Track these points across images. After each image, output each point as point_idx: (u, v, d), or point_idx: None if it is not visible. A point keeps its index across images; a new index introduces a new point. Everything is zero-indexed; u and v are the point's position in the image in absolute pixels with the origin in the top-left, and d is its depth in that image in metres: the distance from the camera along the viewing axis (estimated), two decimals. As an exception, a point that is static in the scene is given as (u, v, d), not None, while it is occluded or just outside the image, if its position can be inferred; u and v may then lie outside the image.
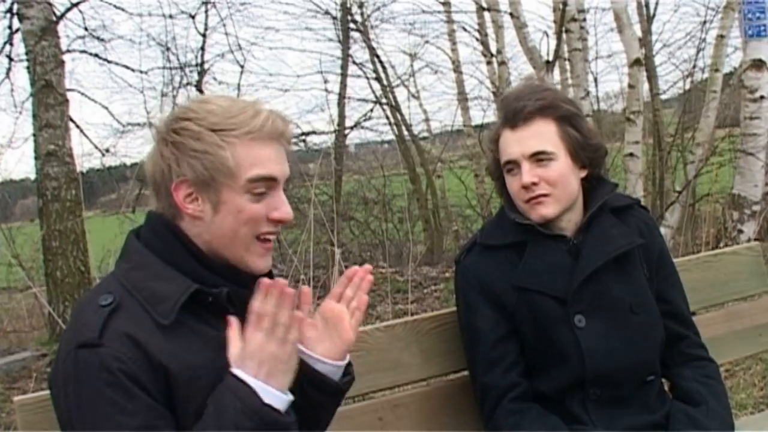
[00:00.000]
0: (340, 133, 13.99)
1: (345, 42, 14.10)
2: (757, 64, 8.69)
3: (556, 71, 12.29)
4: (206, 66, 13.14)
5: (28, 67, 10.06)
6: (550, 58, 10.81)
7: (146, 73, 12.55)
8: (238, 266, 2.09)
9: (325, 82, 14.09)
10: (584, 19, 11.15)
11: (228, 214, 2.04)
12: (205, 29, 12.97)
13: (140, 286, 1.99)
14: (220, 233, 2.05)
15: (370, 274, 2.26)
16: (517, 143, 2.65)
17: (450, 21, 15.55)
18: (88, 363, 1.86)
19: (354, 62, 14.27)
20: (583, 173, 2.72)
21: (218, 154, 2.01)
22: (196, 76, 12.94)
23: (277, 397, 1.93)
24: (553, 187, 2.64)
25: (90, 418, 1.84)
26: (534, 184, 2.63)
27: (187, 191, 2.03)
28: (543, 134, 2.64)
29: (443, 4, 15.15)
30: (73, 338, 1.91)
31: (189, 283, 2.00)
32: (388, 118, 14.51)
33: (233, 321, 1.99)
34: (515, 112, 2.64)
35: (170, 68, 12.71)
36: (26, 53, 10.08)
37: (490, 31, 14.71)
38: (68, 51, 11.35)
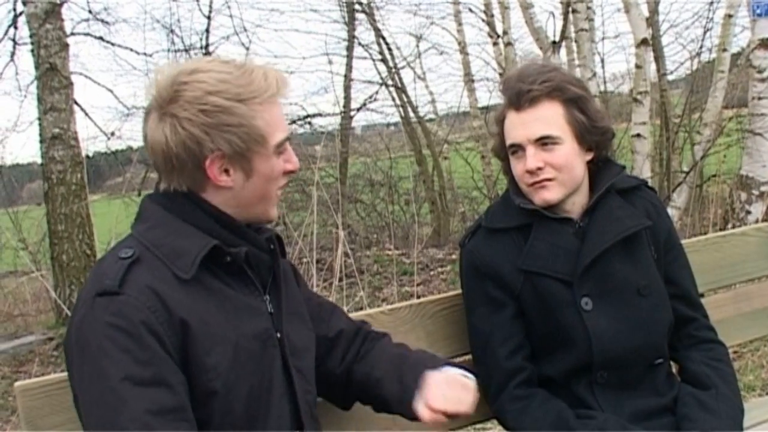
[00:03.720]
0: (346, 115, 13.97)
1: (350, 23, 14.07)
2: (766, 44, 8.62)
3: (563, 52, 12.24)
4: (211, 48, 13.09)
5: (32, 51, 10.07)
6: (557, 39, 10.76)
7: (151, 55, 12.57)
8: (261, 220, 2.17)
9: (330, 63, 14.07)
10: (591, 0, 11.10)
11: (259, 179, 2.08)
12: (210, 11, 12.94)
13: (159, 242, 2.00)
14: (251, 196, 2.09)
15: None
16: (522, 126, 2.61)
17: (456, 2, 15.51)
18: (106, 310, 1.86)
19: (359, 44, 14.25)
20: (589, 156, 2.68)
21: (252, 124, 2.02)
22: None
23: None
24: (558, 172, 2.60)
25: (102, 363, 1.84)
26: (539, 168, 2.59)
27: (220, 164, 2.02)
28: (549, 118, 2.59)
29: (449, -16, 15.11)
30: (92, 288, 1.91)
31: (208, 239, 2.02)
32: (393, 99, 14.48)
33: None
34: (520, 93, 2.60)
35: (175, 51, 12.71)
36: (30, 36, 10.08)
37: (496, 11, 14.65)
38: (72, 34, 11.35)
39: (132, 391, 1.82)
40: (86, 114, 11.82)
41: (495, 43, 14.79)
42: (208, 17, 12.96)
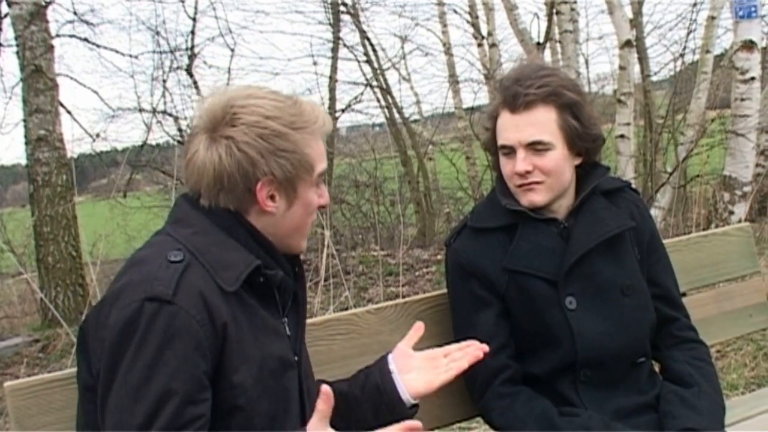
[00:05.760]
0: (331, 116, 13.95)
1: (335, 25, 14.05)
2: (748, 45, 8.69)
3: (547, 53, 12.30)
4: (196, 50, 13.08)
5: (17, 52, 10.04)
6: (541, 40, 10.82)
7: (136, 57, 12.53)
8: (292, 251, 2.21)
9: (315, 65, 14.07)
10: (575, 1, 11.15)
11: (300, 208, 2.13)
12: (195, 13, 12.91)
13: (205, 250, 2.02)
14: (290, 225, 2.14)
15: (481, 353, 2.30)
16: (515, 128, 2.63)
17: (440, 3, 15.54)
18: (156, 318, 1.87)
19: (344, 45, 14.23)
20: (578, 161, 2.70)
21: (303, 152, 2.08)
22: (186, 60, 12.89)
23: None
24: (546, 176, 2.62)
25: (140, 370, 1.84)
26: (528, 172, 2.61)
27: (269, 189, 2.06)
28: (542, 123, 2.60)
29: (434, -15, 15.13)
30: (139, 289, 1.90)
31: (252, 258, 2.05)
32: (378, 100, 14.47)
33: None
34: (516, 95, 2.60)
35: (160, 52, 12.67)
36: (15, 38, 10.06)
37: (481, 13, 14.72)
38: (57, 36, 11.32)
39: (166, 405, 1.83)
40: (71, 116, 11.81)
41: (480, 45, 14.85)
42: (194, 19, 12.95)
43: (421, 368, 2.32)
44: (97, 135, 12.71)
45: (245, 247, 2.06)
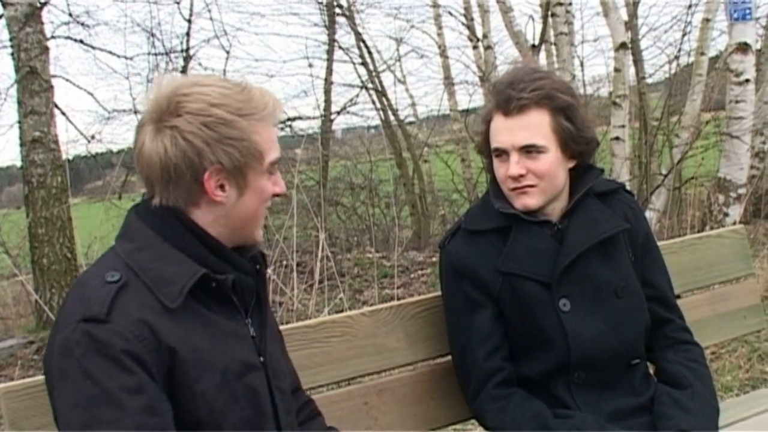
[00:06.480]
0: (327, 118, 13.97)
1: (331, 27, 14.07)
2: (743, 48, 8.71)
3: (542, 55, 12.30)
4: (192, 52, 13.08)
5: (12, 54, 10.01)
6: (536, 43, 10.82)
7: (131, 59, 12.52)
8: (247, 242, 2.16)
9: (311, 67, 14.07)
10: (570, 3, 11.16)
11: (252, 196, 2.09)
12: (191, 15, 12.91)
13: (146, 267, 1.98)
14: (242, 215, 2.10)
15: None
16: (508, 132, 2.62)
17: (436, 5, 15.56)
18: (93, 337, 1.84)
19: (340, 47, 14.24)
20: (572, 164, 2.70)
21: (252, 139, 2.04)
22: (181, 62, 12.89)
23: None
24: (540, 179, 2.62)
25: (91, 392, 1.82)
26: (521, 175, 2.61)
27: (218, 178, 2.03)
28: (536, 126, 2.60)
29: (429, -12, 15.15)
30: (76, 311, 1.88)
31: (197, 268, 2.01)
32: (374, 103, 14.47)
33: None
34: (509, 99, 2.60)
35: (155, 54, 12.67)
36: (10, 39, 10.03)
37: (476, 15, 14.74)
38: (53, 37, 11.29)
39: (124, 420, 1.82)
40: (67, 117, 11.79)
41: (475, 47, 14.86)
42: (189, 20, 12.94)
43: None
44: (93, 137, 12.72)
45: (191, 256, 2.02)
